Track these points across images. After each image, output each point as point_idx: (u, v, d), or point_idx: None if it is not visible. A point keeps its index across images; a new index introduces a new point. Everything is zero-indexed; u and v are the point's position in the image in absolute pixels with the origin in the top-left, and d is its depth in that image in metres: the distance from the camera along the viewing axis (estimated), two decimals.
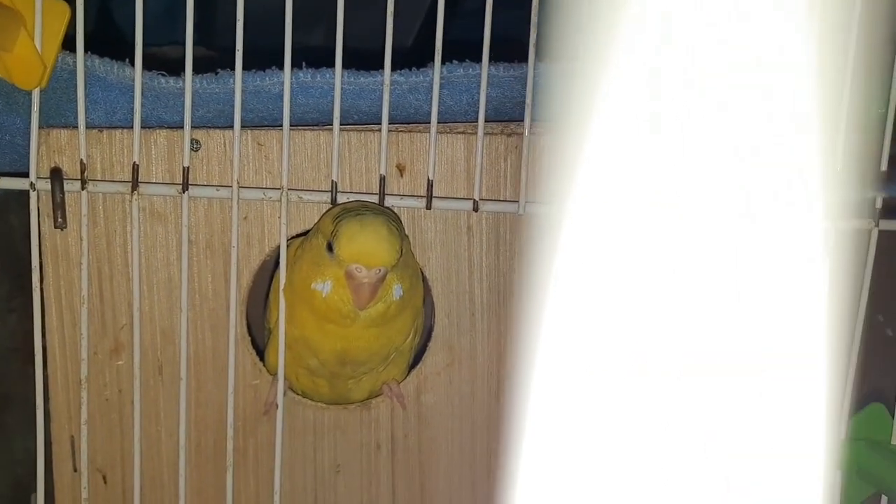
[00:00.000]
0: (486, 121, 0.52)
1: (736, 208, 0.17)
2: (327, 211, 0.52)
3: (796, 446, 0.17)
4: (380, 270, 0.49)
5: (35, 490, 0.54)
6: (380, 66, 0.51)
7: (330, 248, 0.49)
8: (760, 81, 0.17)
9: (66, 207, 0.51)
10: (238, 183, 0.52)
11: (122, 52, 0.51)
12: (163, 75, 0.52)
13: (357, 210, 0.50)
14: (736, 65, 0.17)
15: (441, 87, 0.51)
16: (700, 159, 0.17)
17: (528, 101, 0.51)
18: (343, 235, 0.49)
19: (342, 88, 0.51)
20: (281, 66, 0.50)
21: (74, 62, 0.50)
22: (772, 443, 0.18)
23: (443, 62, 0.51)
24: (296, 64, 0.51)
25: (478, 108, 0.52)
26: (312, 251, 0.51)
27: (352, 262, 0.48)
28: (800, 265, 0.17)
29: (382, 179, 0.52)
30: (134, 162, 0.51)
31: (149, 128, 0.52)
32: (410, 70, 0.53)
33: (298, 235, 0.54)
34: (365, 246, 0.48)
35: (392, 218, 0.51)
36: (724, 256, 0.17)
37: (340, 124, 0.51)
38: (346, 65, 0.51)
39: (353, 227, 0.49)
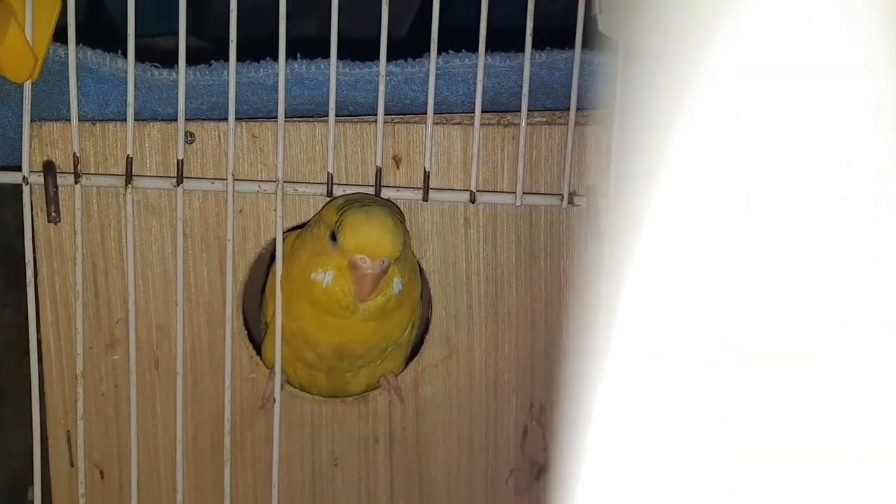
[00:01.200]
0: (482, 111, 0.51)
1: (827, 201, 0.17)
2: (329, 202, 0.52)
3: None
4: (384, 262, 0.48)
5: (32, 485, 0.54)
6: (375, 56, 0.50)
7: (333, 237, 0.49)
8: (845, 74, 0.16)
9: (60, 201, 0.51)
10: (233, 176, 0.51)
11: (114, 43, 0.51)
12: (156, 67, 0.51)
13: (361, 201, 0.50)
14: (819, 58, 0.16)
15: (437, 77, 0.51)
16: (789, 153, 0.17)
17: (525, 91, 0.51)
18: (348, 225, 0.48)
19: (337, 79, 0.50)
20: (275, 57, 0.50)
21: (66, 54, 0.49)
22: (861, 442, 0.17)
23: (439, 52, 0.51)
24: (290, 55, 0.50)
25: (474, 98, 0.51)
26: (313, 241, 0.50)
27: (356, 253, 0.48)
28: (884, 260, 0.17)
29: (378, 171, 0.52)
30: (128, 155, 0.51)
31: (142, 120, 0.52)
32: (406, 60, 0.52)
33: (294, 228, 0.54)
34: (371, 236, 0.48)
35: (395, 210, 0.51)
36: (816, 253, 0.17)
37: (336, 116, 0.51)
38: (341, 55, 0.50)
39: (358, 217, 0.48)
